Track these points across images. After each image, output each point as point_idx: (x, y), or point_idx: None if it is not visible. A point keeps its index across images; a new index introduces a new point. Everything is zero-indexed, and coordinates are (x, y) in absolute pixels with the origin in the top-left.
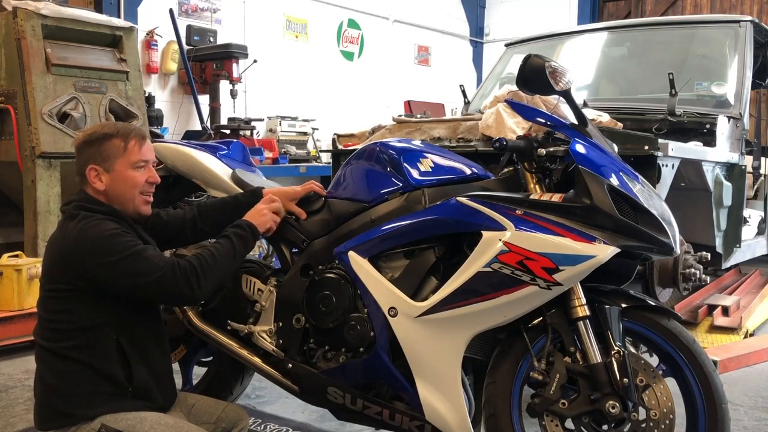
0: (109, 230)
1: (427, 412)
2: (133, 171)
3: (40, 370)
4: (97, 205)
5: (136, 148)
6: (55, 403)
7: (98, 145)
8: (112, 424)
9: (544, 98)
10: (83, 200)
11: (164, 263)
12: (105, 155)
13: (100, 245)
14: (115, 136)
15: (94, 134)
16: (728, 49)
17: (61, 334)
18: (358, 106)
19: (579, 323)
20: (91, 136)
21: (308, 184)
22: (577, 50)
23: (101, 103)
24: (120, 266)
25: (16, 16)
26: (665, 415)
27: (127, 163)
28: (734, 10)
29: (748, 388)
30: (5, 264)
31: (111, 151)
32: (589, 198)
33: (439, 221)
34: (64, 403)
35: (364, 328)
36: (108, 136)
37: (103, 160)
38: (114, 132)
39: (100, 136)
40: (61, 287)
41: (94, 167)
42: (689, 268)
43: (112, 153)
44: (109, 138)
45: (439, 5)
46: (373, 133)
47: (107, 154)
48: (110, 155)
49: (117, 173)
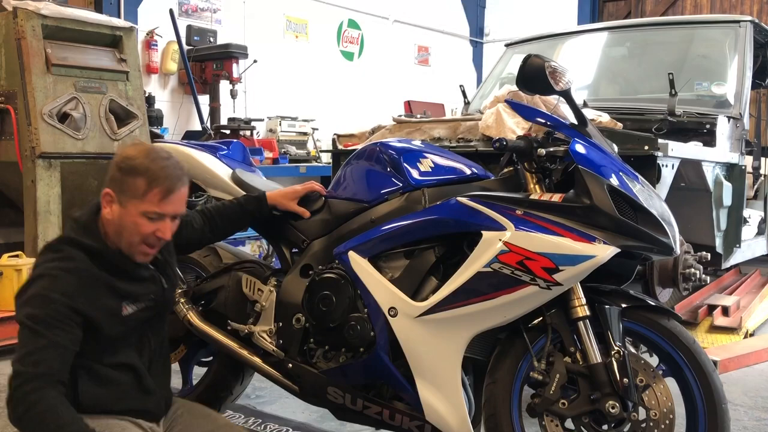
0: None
1: (427, 412)
2: (143, 219)
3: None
4: (91, 238)
5: (156, 199)
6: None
7: (124, 173)
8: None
9: (544, 98)
10: (80, 228)
11: (31, 372)
12: (124, 188)
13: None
14: (142, 175)
15: (128, 161)
16: (728, 49)
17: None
18: (358, 106)
19: (579, 323)
20: (125, 162)
21: (309, 183)
22: (577, 50)
23: (101, 103)
24: (20, 332)
25: (16, 16)
26: (665, 415)
27: (140, 208)
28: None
29: (748, 388)
30: (5, 264)
31: (131, 188)
32: (589, 198)
33: (439, 221)
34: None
35: (364, 328)
36: (135, 172)
37: (120, 191)
38: (144, 171)
39: (130, 167)
40: None
41: (110, 193)
42: (689, 268)
43: (131, 191)
44: (135, 174)
45: (439, 5)
46: (373, 133)
47: (126, 188)
48: (128, 191)
49: (127, 212)
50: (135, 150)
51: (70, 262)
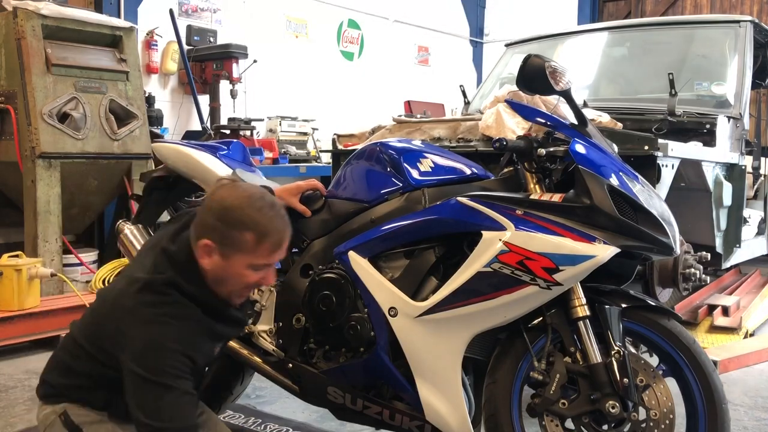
0: (171, 346)
1: (427, 412)
2: (249, 270)
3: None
4: (194, 285)
5: (266, 252)
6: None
7: (228, 226)
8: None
9: (544, 98)
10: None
11: (169, 428)
12: (228, 241)
13: (146, 353)
14: (252, 230)
15: (231, 213)
16: (728, 49)
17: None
18: (358, 106)
19: (579, 323)
20: (227, 214)
21: (311, 180)
22: (577, 50)
23: (101, 103)
24: (141, 387)
25: (16, 16)
26: (665, 415)
27: (249, 262)
28: (734, 10)
29: (748, 388)
30: (5, 264)
31: (237, 242)
32: (589, 198)
33: (439, 221)
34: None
35: (364, 328)
36: (243, 226)
37: (223, 243)
38: (253, 225)
39: (236, 221)
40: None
41: (209, 244)
42: (689, 268)
43: (238, 246)
44: (242, 228)
45: (439, 5)
46: (373, 133)
47: (231, 241)
48: (234, 245)
49: (231, 264)
50: (234, 198)
51: (178, 308)
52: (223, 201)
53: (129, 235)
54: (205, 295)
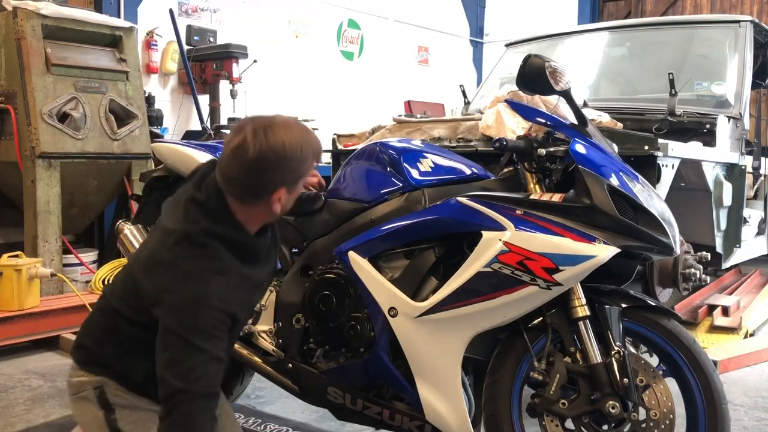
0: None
1: (427, 412)
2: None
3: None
4: (232, 229)
5: (314, 163)
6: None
7: (296, 168)
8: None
9: (544, 98)
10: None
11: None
12: (297, 177)
13: (184, 310)
14: (313, 155)
15: (295, 156)
16: (728, 49)
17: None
18: (358, 106)
19: (579, 323)
20: (292, 160)
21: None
22: (577, 50)
23: (101, 103)
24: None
25: (16, 16)
26: (665, 415)
27: (304, 180)
28: (734, 10)
29: (748, 388)
30: (5, 264)
31: (302, 170)
32: (589, 198)
33: (439, 221)
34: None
35: (364, 328)
36: (307, 158)
37: (293, 181)
38: (312, 151)
39: (302, 159)
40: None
41: (283, 191)
42: (689, 268)
43: (302, 172)
44: (306, 159)
45: (439, 5)
46: (373, 133)
47: (299, 175)
48: (300, 177)
49: (295, 192)
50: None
51: (218, 261)
52: (282, 153)
53: (129, 235)
54: (242, 236)
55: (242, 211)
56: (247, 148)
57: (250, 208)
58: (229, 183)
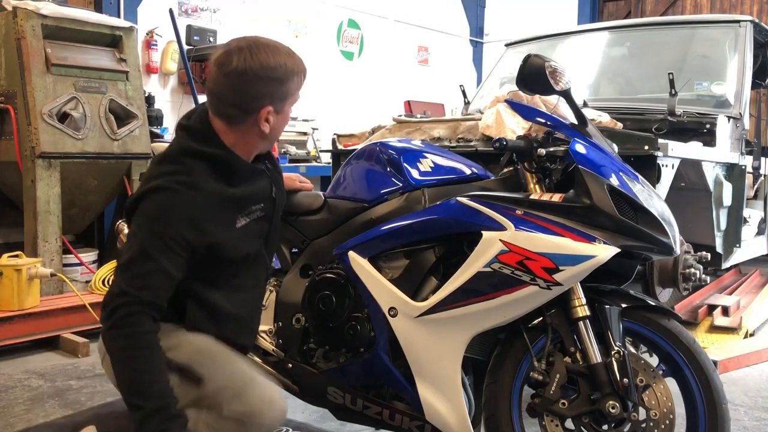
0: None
1: (427, 412)
2: (291, 108)
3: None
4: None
5: (301, 84)
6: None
7: (282, 82)
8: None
9: (544, 98)
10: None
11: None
12: (283, 94)
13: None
14: (299, 74)
15: (280, 69)
16: (728, 49)
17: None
18: (358, 106)
19: (579, 323)
20: (276, 72)
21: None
22: (577, 50)
23: (101, 103)
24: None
25: (16, 16)
26: (665, 415)
27: (293, 102)
28: (734, 10)
29: (748, 388)
30: (5, 264)
31: (290, 90)
32: (589, 198)
33: (439, 221)
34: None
35: (364, 328)
36: (293, 74)
37: (280, 99)
38: (298, 69)
39: (287, 72)
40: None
41: (269, 109)
42: (689, 268)
43: (290, 92)
44: (293, 76)
45: (439, 5)
46: (373, 133)
47: (286, 94)
48: (287, 97)
49: (285, 114)
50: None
51: (190, 175)
52: (269, 63)
53: None
54: (225, 154)
55: (230, 134)
56: (232, 60)
57: (239, 129)
58: (217, 100)
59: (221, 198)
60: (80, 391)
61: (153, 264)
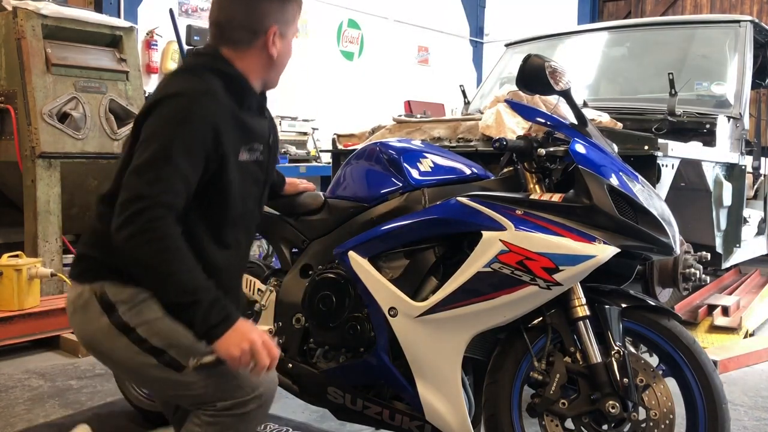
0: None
1: (427, 412)
2: (292, 37)
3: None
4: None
5: (299, 14)
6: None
7: (283, 3)
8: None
9: (544, 98)
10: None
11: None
12: (288, 17)
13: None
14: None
15: None
16: (728, 49)
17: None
18: (358, 106)
19: (579, 323)
20: None
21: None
22: (577, 50)
23: (101, 103)
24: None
25: (16, 16)
26: (665, 415)
27: (294, 30)
28: (734, 10)
29: (748, 388)
30: (5, 264)
31: (292, 13)
32: (589, 198)
33: (439, 221)
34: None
35: (364, 328)
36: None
37: (285, 22)
38: None
39: None
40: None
41: (275, 28)
42: (689, 268)
43: (293, 16)
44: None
45: (439, 5)
46: (373, 133)
47: (290, 16)
48: (291, 19)
49: (287, 42)
50: None
51: (208, 85)
52: None
53: None
54: (239, 76)
55: (238, 60)
56: None
57: (247, 54)
58: (222, 28)
59: (234, 116)
60: (80, 391)
61: (173, 167)
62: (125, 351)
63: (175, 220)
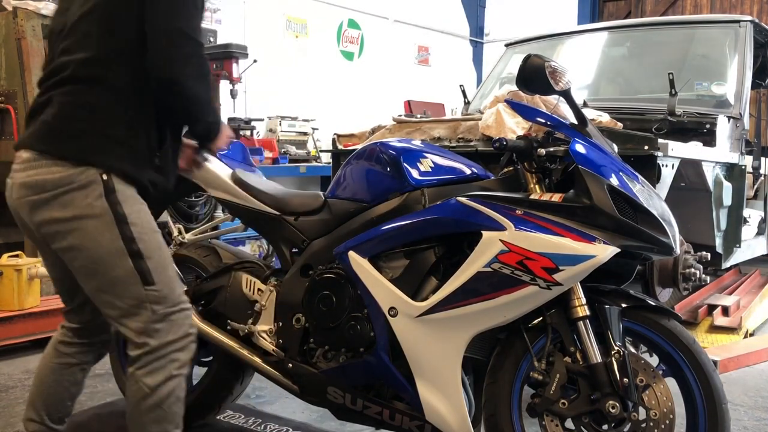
0: None
1: (427, 412)
2: None
3: (66, 101)
4: None
5: None
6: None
7: None
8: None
9: (544, 98)
10: None
11: (199, 36)
12: None
13: None
14: None
15: None
16: (728, 49)
17: (108, 60)
18: (358, 106)
19: (579, 323)
20: None
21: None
22: (577, 50)
23: None
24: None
25: (16, 16)
26: (665, 415)
27: None
28: (734, 10)
29: (748, 388)
30: (5, 264)
31: None
32: (589, 198)
33: (439, 221)
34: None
35: (364, 328)
36: None
37: None
38: None
39: None
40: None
41: None
42: (689, 268)
43: None
44: None
45: (439, 5)
46: (373, 133)
47: None
48: None
49: None
50: None
51: None
52: None
53: None
54: None
55: None
56: None
57: None
58: None
59: None
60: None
61: (195, 7)
62: (107, 242)
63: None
